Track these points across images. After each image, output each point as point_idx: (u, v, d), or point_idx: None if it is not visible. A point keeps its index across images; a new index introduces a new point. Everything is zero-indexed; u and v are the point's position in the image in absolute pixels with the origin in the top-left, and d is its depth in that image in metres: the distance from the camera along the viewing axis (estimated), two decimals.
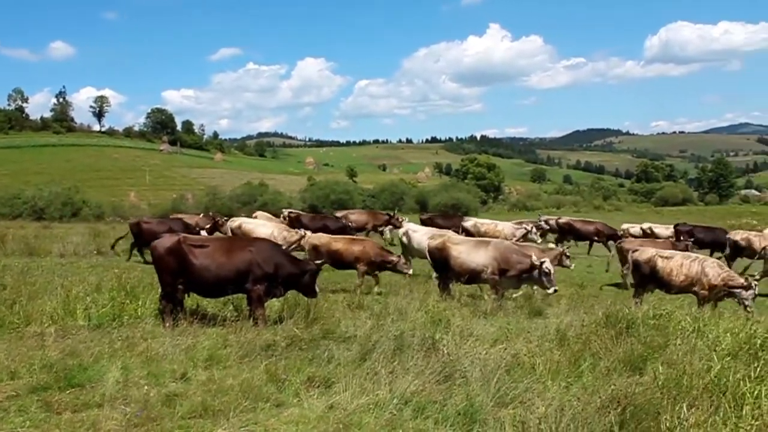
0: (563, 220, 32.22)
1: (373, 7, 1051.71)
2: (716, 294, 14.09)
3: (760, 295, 18.36)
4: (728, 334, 8.88)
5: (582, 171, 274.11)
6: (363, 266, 15.98)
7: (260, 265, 10.49)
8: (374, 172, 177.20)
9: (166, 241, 10.52)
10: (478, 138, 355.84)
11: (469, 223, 27.07)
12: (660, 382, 6.55)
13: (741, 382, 6.39)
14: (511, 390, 6.56)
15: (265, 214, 32.65)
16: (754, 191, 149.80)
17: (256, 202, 62.28)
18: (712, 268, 14.36)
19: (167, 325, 9.77)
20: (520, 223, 28.52)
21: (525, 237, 25.37)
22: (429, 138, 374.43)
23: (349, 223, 29.24)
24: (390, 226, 31.42)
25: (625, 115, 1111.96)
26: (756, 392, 6.14)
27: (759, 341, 8.35)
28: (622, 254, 19.01)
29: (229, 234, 21.60)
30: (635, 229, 31.50)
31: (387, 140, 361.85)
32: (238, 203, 61.75)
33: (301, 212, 32.93)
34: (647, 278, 14.91)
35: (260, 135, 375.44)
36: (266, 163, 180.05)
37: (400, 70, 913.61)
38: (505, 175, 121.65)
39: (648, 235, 30.39)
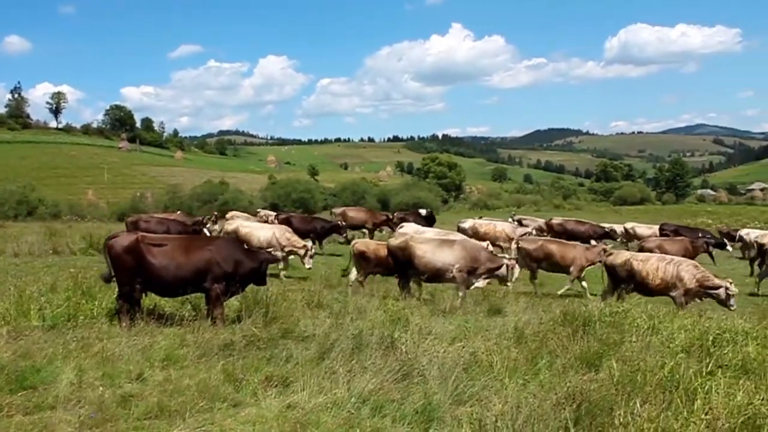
0: (557, 221, 31.73)
1: (336, 6, 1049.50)
2: (693, 296, 14.36)
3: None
4: (682, 331, 9.05)
5: (542, 170, 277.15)
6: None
7: (220, 264, 10.41)
8: (336, 171, 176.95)
9: (123, 240, 10.37)
10: (440, 137, 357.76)
11: (467, 224, 26.85)
12: (615, 379, 6.64)
13: (693, 378, 6.51)
14: (468, 388, 6.60)
15: (242, 214, 32.25)
16: (709, 191, 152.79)
17: (217, 201, 61.80)
18: (688, 270, 14.52)
19: (124, 325, 9.64)
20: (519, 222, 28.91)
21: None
22: (391, 137, 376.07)
23: (341, 222, 29.01)
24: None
25: (585, 115, 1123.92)
26: (707, 387, 6.24)
27: (711, 337, 8.52)
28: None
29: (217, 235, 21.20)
30: (619, 228, 31.77)
31: (349, 139, 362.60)
32: (198, 202, 61.18)
33: (291, 213, 32.12)
34: (623, 282, 14.99)
35: (221, 133, 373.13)
36: (227, 162, 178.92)
37: (363, 69, 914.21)
38: (466, 174, 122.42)
39: (630, 236, 30.85)
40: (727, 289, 14.12)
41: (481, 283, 14.68)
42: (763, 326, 9.65)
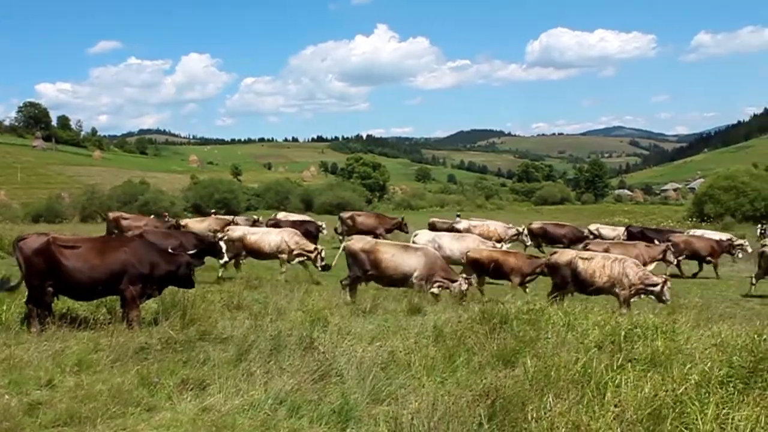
0: (537, 225, 31.89)
1: (260, 4, 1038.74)
2: (635, 293, 14.79)
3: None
4: (596, 327, 9.27)
5: (466, 171, 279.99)
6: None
7: (135, 265, 10.20)
8: (259, 171, 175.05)
9: (33, 242, 10.01)
10: (365, 137, 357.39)
11: (462, 224, 26.92)
12: (530, 375, 6.77)
13: (604, 372, 6.69)
14: (386, 387, 6.63)
15: (240, 218, 31.62)
16: (626, 191, 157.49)
17: (137, 201, 60.57)
18: (632, 267, 14.97)
19: (34, 330, 9.33)
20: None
21: (517, 238, 25.84)
22: (315, 137, 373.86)
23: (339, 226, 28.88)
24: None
25: (507, 117, 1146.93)
26: (617, 381, 6.43)
27: (623, 333, 8.73)
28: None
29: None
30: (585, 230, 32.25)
31: (273, 139, 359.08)
32: (118, 202, 59.72)
33: (280, 218, 31.36)
34: (567, 281, 15.25)
35: (142, 132, 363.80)
36: (148, 161, 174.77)
37: (287, 68, 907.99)
38: (390, 174, 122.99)
39: (595, 237, 31.33)
40: (663, 284, 14.69)
41: (435, 289, 14.74)
42: (672, 320, 9.99)
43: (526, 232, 27.23)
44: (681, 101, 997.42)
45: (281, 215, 32.97)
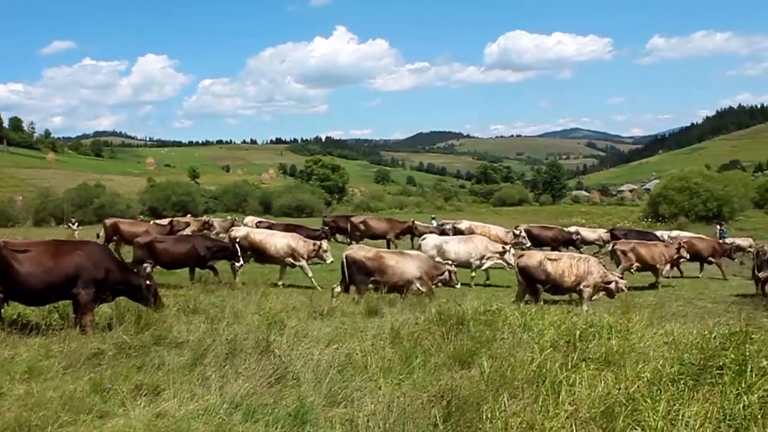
0: (523, 227, 31.43)
1: (217, 4, 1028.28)
2: (597, 290, 15.50)
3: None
4: (552, 327, 9.37)
5: (425, 172, 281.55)
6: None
7: (89, 269, 10.04)
8: (217, 173, 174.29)
9: None
10: (324, 139, 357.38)
11: (463, 225, 26.89)
12: (485, 376, 6.82)
13: (559, 371, 6.77)
14: (342, 389, 6.62)
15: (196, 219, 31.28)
16: (583, 192, 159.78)
17: (93, 205, 59.75)
18: (596, 266, 15.64)
19: None
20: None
21: (516, 241, 25.98)
22: (274, 139, 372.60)
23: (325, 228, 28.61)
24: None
25: (466, 119, 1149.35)
26: (571, 380, 6.50)
27: (578, 332, 8.84)
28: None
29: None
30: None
31: (231, 141, 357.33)
32: (72, 206, 58.86)
33: (273, 221, 31.01)
34: (538, 282, 15.54)
35: (97, 134, 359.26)
36: (103, 164, 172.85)
37: (246, 70, 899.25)
38: (349, 176, 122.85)
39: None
40: (617, 282, 15.53)
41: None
42: (626, 320, 10.15)
43: (524, 235, 27.45)
44: (636, 103, 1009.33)
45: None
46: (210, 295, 14.09)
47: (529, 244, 27.60)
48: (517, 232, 27.38)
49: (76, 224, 44.22)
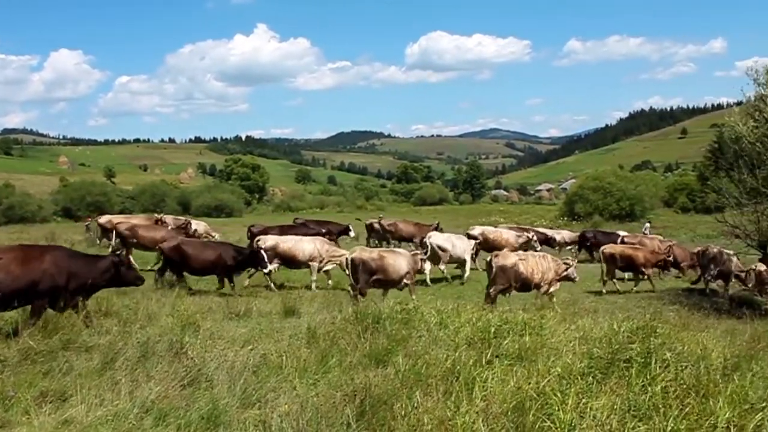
0: (477, 230, 31.97)
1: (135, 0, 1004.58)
2: (555, 283, 16.53)
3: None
4: (468, 324, 9.49)
5: (346, 172, 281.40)
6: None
7: (53, 276, 9.72)
8: (134, 173, 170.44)
9: None
10: (244, 138, 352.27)
11: (476, 231, 26.66)
12: (400, 374, 6.87)
13: (472, 368, 6.87)
14: (256, 390, 6.55)
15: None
16: (502, 191, 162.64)
17: (1, 205, 57.57)
18: (554, 261, 16.78)
19: None
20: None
21: (527, 244, 25.84)
22: (193, 138, 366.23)
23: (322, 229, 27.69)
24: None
25: (387, 118, 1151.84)
26: (485, 376, 6.61)
27: (493, 329, 8.97)
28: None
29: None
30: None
31: (149, 139, 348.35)
32: None
33: (268, 226, 30.11)
34: (511, 282, 16.09)
35: (6, 131, 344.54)
36: (13, 162, 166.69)
37: (164, 67, 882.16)
38: (270, 175, 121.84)
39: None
40: (567, 269, 16.75)
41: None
42: (540, 316, 10.37)
43: (535, 238, 27.67)
44: (554, 105, 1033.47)
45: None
46: (123, 297, 13.74)
47: (539, 248, 27.84)
48: (530, 236, 27.56)
49: None
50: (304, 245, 19.77)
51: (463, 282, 21.64)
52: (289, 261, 19.64)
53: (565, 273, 16.65)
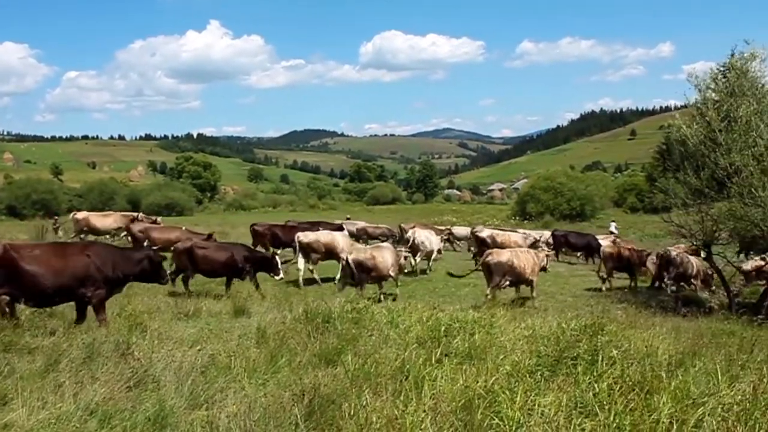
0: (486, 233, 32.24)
1: None
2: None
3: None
4: (418, 323, 9.52)
5: (299, 171, 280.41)
6: None
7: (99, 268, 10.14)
8: (83, 170, 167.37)
9: None
10: (195, 136, 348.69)
11: (485, 233, 26.73)
12: (350, 373, 6.86)
13: (422, 366, 6.89)
14: (204, 391, 6.47)
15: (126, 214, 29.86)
16: (455, 191, 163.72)
17: None
18: (538, 255, 18.29)
19: None
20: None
21: (534, 245, 25.83)
22: (143, 135, 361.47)
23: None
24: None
25: (341, 117, 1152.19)
26: (434, 375, 6.63)
27: (443, 328, 9.02)
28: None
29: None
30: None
31: (98, 136, 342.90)
32: None
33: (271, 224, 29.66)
34: (503, 277, 16.88)
35: None
36: None
37: (114, 63, 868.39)
38: (222, 174, 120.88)
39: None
40: (546, 260, 18.76)
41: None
42: (490, 315, 10.46)
43: (542, 239, 27.82)
44: (507, 105, 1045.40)
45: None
46: None
47: (548, 249, 28.01)
48: (539, 238, 27.70)
49: None
50: (339, 239, 21.26)
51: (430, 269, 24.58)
52: (329, 254, 20.80)
53: (543, 264, 18.24)
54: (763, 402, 5.84)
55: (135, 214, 30.48)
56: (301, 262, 20.24)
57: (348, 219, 37.72)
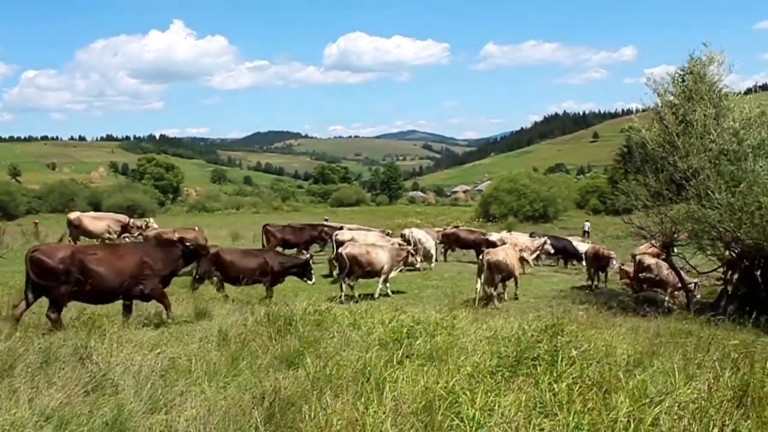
0: (449, 230, 33.14)
1: None
2: None
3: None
4: (380, 325, 9.54)
5: (263, 172, 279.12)
6: None
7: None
8: (42, 171, 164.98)
9: None
10: (158, 137, 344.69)
11: (495, 236, 27.31)
12: (311, 375, 6.84)
13: (383, 368, 6.90)
14: (164, 395, 6.40)
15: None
16: (419, 193, 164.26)
17: None
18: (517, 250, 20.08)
19: None
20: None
21: (542, 247, 26.74)
22: (105, 135, 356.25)
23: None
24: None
25: (304, 119, 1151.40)
26: (395, 376, 6.66)
27: (405, 330, 9.04)
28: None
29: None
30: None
31: (57, 137, 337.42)
32: None
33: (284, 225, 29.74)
34: (500, 275, 17.84)
35: None
36: None
37: (74, 62, 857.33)
38: (184, 175, 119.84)
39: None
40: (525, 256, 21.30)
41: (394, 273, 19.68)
42: (452, 316, 10.51)
43: (549, 242, 27.84)
44: (471, 107, 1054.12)
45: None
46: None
47: (553, 251, 28.13)
48: (544, 239, 27.89)
49: None
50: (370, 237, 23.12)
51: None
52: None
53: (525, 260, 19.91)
54: (718, 400, 5.95)
55: (126, 218, 29.68)
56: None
57: (326, 220, 37.70)
